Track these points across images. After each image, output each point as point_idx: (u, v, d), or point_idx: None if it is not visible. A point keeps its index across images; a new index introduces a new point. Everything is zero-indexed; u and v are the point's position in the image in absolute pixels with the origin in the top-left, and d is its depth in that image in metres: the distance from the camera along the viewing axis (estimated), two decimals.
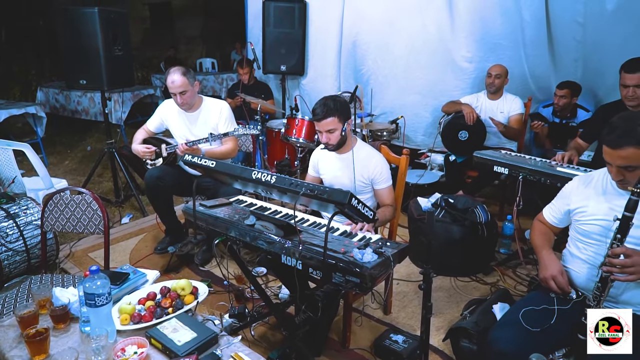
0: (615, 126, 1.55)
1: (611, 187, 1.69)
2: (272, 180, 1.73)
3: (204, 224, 2.07)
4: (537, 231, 1.95)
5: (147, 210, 4.07)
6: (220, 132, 2.95)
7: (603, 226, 1.66)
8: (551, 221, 1.93)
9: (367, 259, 1.63)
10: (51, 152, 6.04)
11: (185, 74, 2.83)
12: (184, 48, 11.93)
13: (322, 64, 5.12)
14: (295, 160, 4.06)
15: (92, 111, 6.54)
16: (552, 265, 1.74)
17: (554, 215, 1.92)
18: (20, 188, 3.36)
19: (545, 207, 1.98)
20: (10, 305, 1.97)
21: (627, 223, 1.47)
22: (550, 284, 1.71)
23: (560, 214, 1.89)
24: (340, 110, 2.24)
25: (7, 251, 2.80)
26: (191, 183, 3.02)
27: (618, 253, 1.50)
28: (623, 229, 1.48)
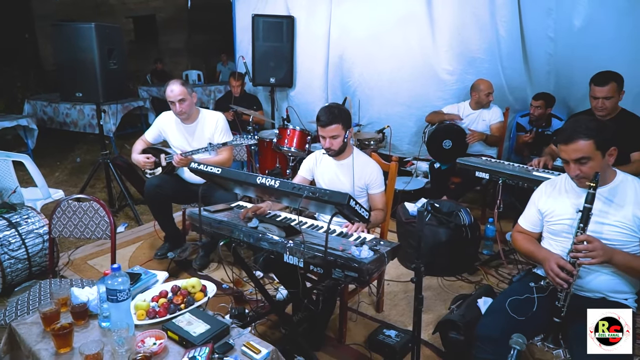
0: (565, 128, 1.81)
1: (572, 188, 1.90)
2: (276, 185, 1.87)
3: (209, 228, 2.20)
4: (521, 240, 2.06)
5: (142, 219, 4.16)
6: (216, 141, 3.08)
7: (569, 224, 1.87)
8: (529, 228, 2.08)
9: (364, 256, 1.78)
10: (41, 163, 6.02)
11: (184, 85, 2.98)
12: (169, 60, 12.02)
13: (310, 76, 5.30)
14: (287, 168, 4.21)
15: (81, 123, 6.59)
16: (550, 254, 1.88)
17: (530, 222, 2.08)
18: (19, 198, 3.42)
19: (519, 218, 2.13)
20: (24, 306, 2.06)
21: (588, 214, 1.70)
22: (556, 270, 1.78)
23: (535, 219, 2.06)
24: (344, 118, 2.41)
25: (10, 259, 2.87)
26: (188, 191, 3.20)
27: (581, 240, 1.71)
28: (584, 219, 1.71)
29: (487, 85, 3.90)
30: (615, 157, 1.78)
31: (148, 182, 3.09)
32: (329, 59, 5.14)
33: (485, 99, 3.91)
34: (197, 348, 1.51)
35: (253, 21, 5.22)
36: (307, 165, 2.70)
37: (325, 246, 1.79)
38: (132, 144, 3.35)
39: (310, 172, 2.70)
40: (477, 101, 3.94)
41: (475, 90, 3.95)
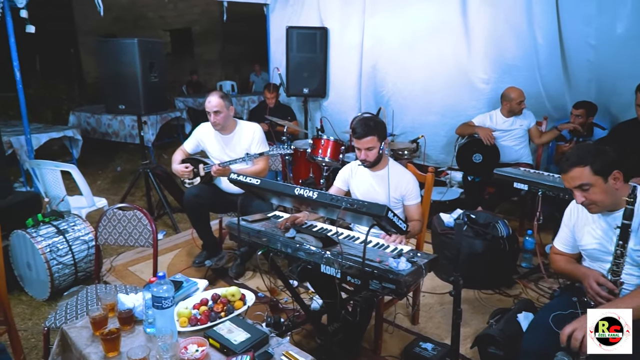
0: (565, 158, 1.80)
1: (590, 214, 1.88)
2: (314, 196, 1.90)
3: (247, 237, 2.25)
4: (560, 262, 2.03)
5: (180, 227, 4.27)
6: (254, 152, 3.15)
7: (599, 249, 1.85)
8: (566, 250, 2.04)
9: (402, 267, 1.78)
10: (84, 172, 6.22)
11: (222, 98, 3.07)
12: (203, 72, 12.34)
13: (343, 86, 5.34)
14: (321, 178, 4.24)
15: (122, 133, 6.85)
16: (590, 271, 1.85)
17: (565, 244, 2.03)
18: (66, 206, 3.60)
19: (555, 240, 2.09)
20: (73, 310, 2.16)
21: (627, 230, 1.67)
22: (596, 288, 1.76)
23: (569, 240, 2.01)
24: (379, 130, 2.43)
25: (58, 264, 3.01)
26: (226, 201, 3.27)
27: None
28: (623, 236, 1.68)
29: (518, 93, 3.83)
30: (621, 180, 1.74)
31: (187, 192, 3.18)
32: (362, 69, 5.17)
33: (517, 107, 3.83)
34: (238, 356, 1.55)
35: (287, 33, 5.31)
36: (343, 176, 2.73)
37: (363, 257, 1.80)
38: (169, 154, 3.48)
39: (345, 183, 2.72)
40: (509, 110, 3.87)
41: (506, 100, 3.88)
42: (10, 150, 4.94)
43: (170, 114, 7.10)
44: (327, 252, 1.94)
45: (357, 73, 5.20)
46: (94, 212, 4.02)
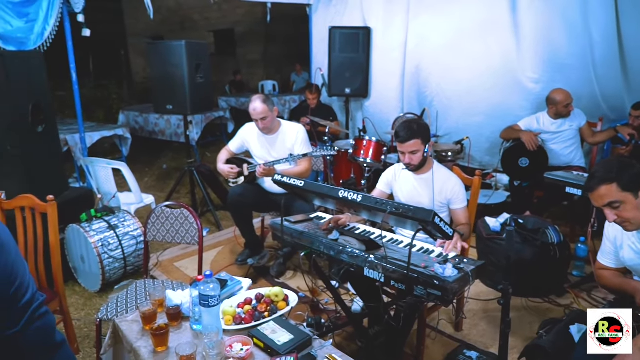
0: (590, 175, 1.73)
1: None
2: (358, 199, 1.89)
3: (290, 238, 2.26)
4: (607, 278, 1.96)
5: (222, 225, 4.37)
6: (297, 152, 3.17)
7: None
8: (611, 264, 1.96)
9: (448, 274, 1.74)
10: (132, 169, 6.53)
11: (265, 102, 3.10)
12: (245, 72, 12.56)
13: (386, 86, 5.30)
14: (362, 179, 4.22)
15: (168, 132, 7.06)
16: None
17: (610, 258, 1.95)
18: (117, 202, 3.75)
19: (598, 255, 2.01)
20: (123, 304, 2.24)
21: None
22: None
23: (614, 255, 1.93)
24: (423, 132, 2.39)
25: (109, 258, 3.14)
26: (269, 200, 3.31)
27: None
28: None
29: (564, 95, 3.65)
30: None
31: (231, 191, 3.24)
32: (405, 69, 5.10)
33: (564, 110, 3.66)
34: (282, 357, 1.56)
35: (330, 33, 5.32)
36: (386, 179, 2.70)
37: (408, 262, 1.77)
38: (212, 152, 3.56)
39: (388, 186, 2.70)
40: (556, 113, 3.70)
41: (551, 103, 3.70)
42: (65, 148, 5.20)
43: (214, 113, 7.26)
44: (370, 256, 1.92)
45: (400, 73, 5.14)
46: (142, 209, 4.17)
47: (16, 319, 1.10)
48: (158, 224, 2.56)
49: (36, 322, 1.14)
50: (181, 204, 2.54)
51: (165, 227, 2.55)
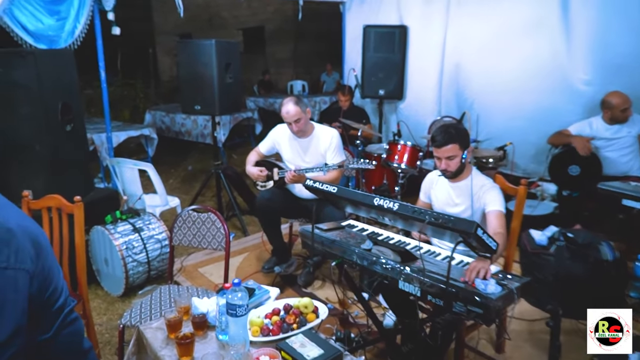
0: None
1: None
2: (394, 208, 1.86)
3: (320, 247, 2.26)
4: None
5: (248, 230, 4.40)
6: (329, 159, 3.18)
7: None
8: None
9: (491, 291, 1.69)
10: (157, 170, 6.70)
11: (297, 103, 3.11)
12: (274, 71, 12.69)
13: (422, 87, 5.25)
14: (395, 185, 4.18)
15: (194, 133, 7.21)
16: None
17: None
18: (142, 204, 3.84)
19: None
20: (147, 310, 2.28)
21: None
22: None
23: None
24: (461, 137, 2.35)
25: (133, 262, 3.21)
26: (298, 206, 3.32)
27: None
28: None
29: (621, 99, 3.50)
30: None
31: (260, 195, 3.26)
32: (443, 69, 5.04)
33: (621, 115, 3.52)
34: None
35: (364, 32, 5.31)
36: (424, 188, 2.69)
37: (447, 276, 1.73)
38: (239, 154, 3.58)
39: (427, 194, 2.67)
40: (611, 118, 3.56)
41: (606, 107, 3.56)
42: (91, 147, 5.36)
43: (242, 114, 7.36)
44: (406, 268, 1.90)
45: (438, 73, 5.08)
46: (166, 211, 4.25)
47: (49, 325, 1.11)
48: (184, 227, 2.60)
49: (67, 327, 1.15)
50: (208, 207, 2.57)
51: (192, 232, 2.58)
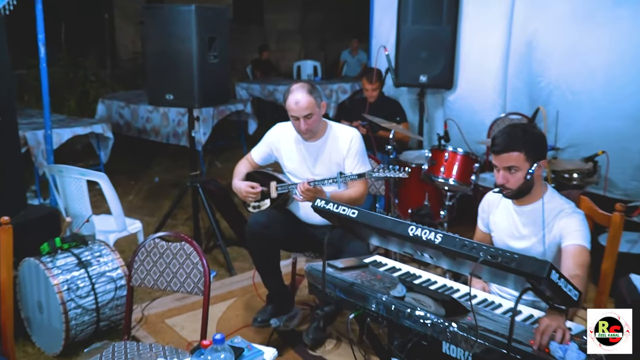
0: None
1: None
2: (436, 240, 1.89)
3: (333, 292, 2.29)
4: None
5: (235, 267, 4.45)
6: (350, 171, 3.20)
7: None
8: None
9: (573, 358, 1.71)
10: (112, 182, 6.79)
11: (311, 92, 3.15)
12: (275, 47, 12.81)
13: (480, 73, 5.30)
14: (441, 209, 4.20)
15: (164, 131, 7.30)
16: None
17: None
18: (90, 229, 3.91)
19: None
20: None
21: None
22: None
23: None
24: (530, 143, 2.38)
25: (77, 308, 3.26)
26: (304, 235, 3.36)
27: None
28: None
29: None
30: None
31: (252, 219, 3.30)
32: (510, 48, 5.10)
33: None
34: None
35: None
36: (482, 213, 2.72)
37: (509, 337, 1.75)
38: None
39: (485, 222, 2.70)
40: None
41: None
42: (23, 149, 5.36)
43: (230, 106, 7.43)
44: (452, 324, 1.92)
45: (503, 54, 5.13)
46: (124, 239, 4.31)
47: None
48: (148, 262, 2.65)
49: None
50: (181, 235, 2.62)
51: (158, 268, 2.63)
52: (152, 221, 5.39)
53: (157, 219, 5.22)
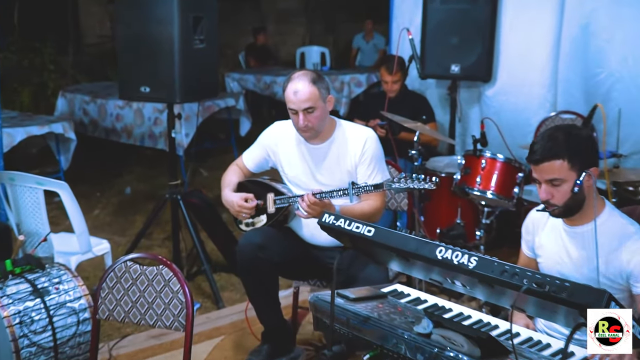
0: None
1: None
2: (471, 265, 1.90)
3: (345, 328, 2.30)
4: None
5: (223, 299, 4.46)
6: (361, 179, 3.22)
7: None
8: None
9: None
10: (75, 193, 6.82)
11: (315, 82, 3.17)
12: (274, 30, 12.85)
13: (525, 62, 5.33)
14: (477, 228, 4.21)
15: (138, 132, 7.34)
16: None
17: None
18: (48, 250, 3.93)
19: None
20: None
21: None
22: None
23: None
24: (574, 149, 2.38)
25: (31, 346, 3.27)
26: (308, 258, 3.37)
27: None
28: None
29: None
30: None
31: (245, 240, 3.31)
32: (561, 32, 5.12)
33: None
34: None
35: None
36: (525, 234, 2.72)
37: None
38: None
39: (530, 245, 2.71)
40: None
41: None
42: None
43: (219, 101, 7.45)
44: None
45: (553, 39, 5.16)
46: (89, 262, 4.32)
47: None
48: (118, 290, 2.66)
49: None
50: (159, 257, 2.64)
51: (130, 297, 2.64)
52: (122, 241, 5.41)
53: (129, 239, 5.24)
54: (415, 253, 2.04)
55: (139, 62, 4.36)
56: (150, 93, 4.39)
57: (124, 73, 4.51)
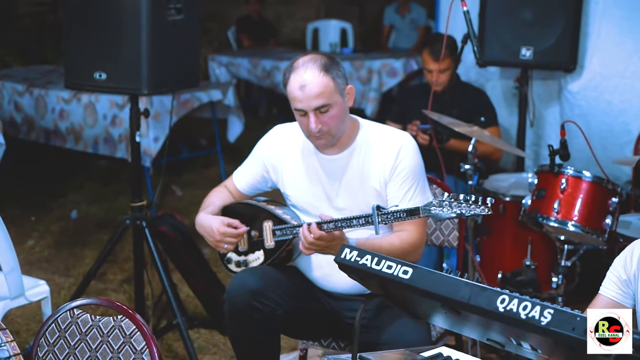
0: None
1: None
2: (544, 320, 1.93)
3: None
4: None
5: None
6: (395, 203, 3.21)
7: None
8: None
9: None
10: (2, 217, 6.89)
11: (328, 70, 3.16)
12: None
13: (625, 46, 5.38)
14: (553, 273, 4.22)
15: (90, 134, 7.37)
16: None
17: None
18: None
19: None
20: None
21: None
22: None
23: None
24: None
25: None
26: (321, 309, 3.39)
27: None
28: None
29: None
30: None
31: (234, 284, 3.32)
32: None
33: None
34: None
35: None
36: (620, 266, 2.72)
37: None
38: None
39: (626, 282, 2.72)
40: None
41: None
42: None
43: (200, 94, 7.49)
44: None
45: None
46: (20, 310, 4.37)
47: None
48: (61, 348, 2.70)
49: None
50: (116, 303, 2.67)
51: (78, 357, 2.68)
52: (66, 283, 5.47)
53: (75, 280, 5.29)
54: (468, 303, 2.06)
55: (92, 38, 4.39)
56: (106, 81, 4.41)
57: (71, 54, 4.56)
